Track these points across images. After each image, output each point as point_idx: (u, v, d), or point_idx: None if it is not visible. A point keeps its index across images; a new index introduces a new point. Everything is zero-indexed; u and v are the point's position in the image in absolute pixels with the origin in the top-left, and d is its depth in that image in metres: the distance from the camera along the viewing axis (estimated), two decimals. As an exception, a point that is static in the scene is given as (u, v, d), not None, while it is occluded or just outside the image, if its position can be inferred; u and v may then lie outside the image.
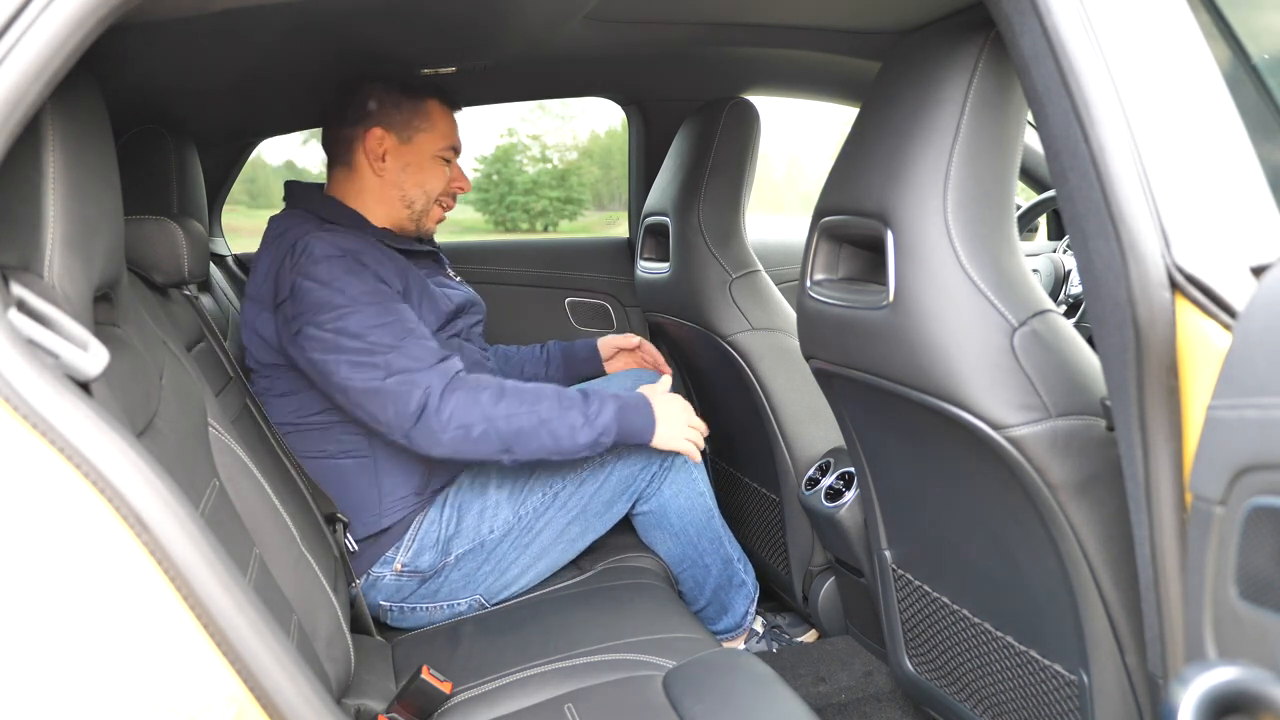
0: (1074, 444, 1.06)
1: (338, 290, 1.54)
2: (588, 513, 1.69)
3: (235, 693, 0.78)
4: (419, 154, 1.73)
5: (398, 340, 1.53)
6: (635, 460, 1.69)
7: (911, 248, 1.13)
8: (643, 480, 1.71)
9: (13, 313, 0.77)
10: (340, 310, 1.53)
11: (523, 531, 1.66)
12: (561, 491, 1.68)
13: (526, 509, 1.67)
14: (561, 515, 1.68)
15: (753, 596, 1.90)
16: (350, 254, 1.58)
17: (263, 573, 1.19)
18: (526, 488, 1.68)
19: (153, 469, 0.77)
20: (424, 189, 1.75)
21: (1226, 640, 0.76)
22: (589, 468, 1.68)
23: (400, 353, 1.52)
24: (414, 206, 1.75)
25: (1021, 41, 0.92)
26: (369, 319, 1.53)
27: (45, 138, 0.86)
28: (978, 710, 1.39)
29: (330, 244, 1.58)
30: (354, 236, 1.63)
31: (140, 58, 1.35)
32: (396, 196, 1.74)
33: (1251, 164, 0.84)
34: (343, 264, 1.56)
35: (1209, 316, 0.79)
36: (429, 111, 1.74)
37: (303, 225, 1.64)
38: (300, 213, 1.70)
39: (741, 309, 1.97)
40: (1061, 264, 2.05)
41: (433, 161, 1.75)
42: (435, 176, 1.76)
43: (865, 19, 1.47)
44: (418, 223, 1.77)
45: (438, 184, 1.77)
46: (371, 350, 1.52)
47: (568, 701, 1.28)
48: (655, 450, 1.68)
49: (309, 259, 1.57)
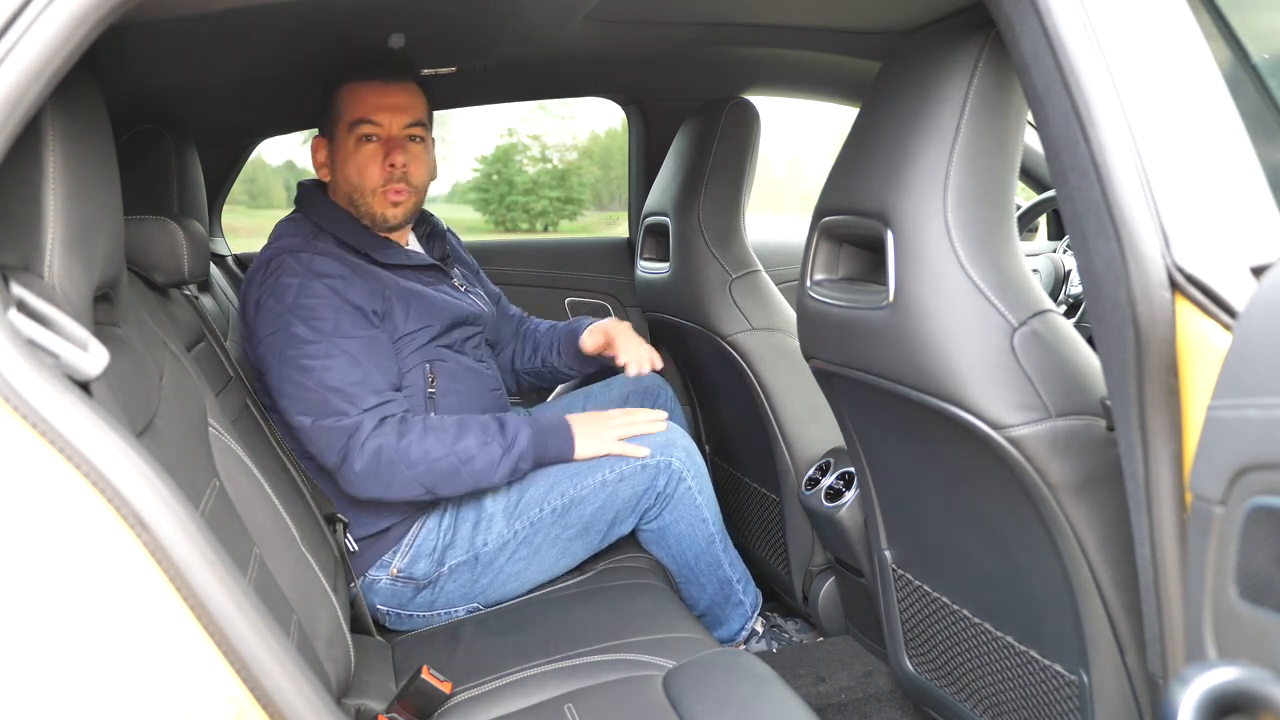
0: (1074, 444, 1.06)
1: (297, 319, 1.54)
2: (590, 530, 1.68)
3: (235, 693, 0.77)
4: (341, 146, 1.68)
5: (339, 381, 1.53)
6: (640, 482, 1.68)
7: (911, 248, 1.13)
8: (647, 501, 1.70)
9: (13, 313, 0.77)
10: (292, 339, 1.54)
11: (520, 545, 1.65)
12: (563, 508, 1.65)
13: (523, 523, 1.64)
14: (564, 532, 1.66)
15: (750, 615, 1.89)
16: (321, 278, 1.57)
17: (263, 573, 1.19)
18: (524, 502, 1.66)
19: (153, 469, 0.77)
20: (359, 178, 1.67)
21: (1226, 640, 0.76)
22: (592, 487, 1.66)
23: (338, 395, 1.52)
24: (358, 199, 1.68)
25: (1021, 41, 0.92)
26: (316, 353, 1.53)
27: (45, 138, 0.86)
28: (978, 710, 1.39)
29: (304, 267, 1.57)
30: (333, 259, 1.60)
31: (140, 58, 1.35)
32: (345, 195, 1.70)
33: (1251, 164, 0.84)
34: (308, 289, 1.56)
35: (1209, 316, 0.79)
36: (339, 98, 1.67)
37: (293, 238, 1.64)
38: (299, 219, 1.69)
39: (741, 309, 1.97)
40: (1061, 264, 2.05)
41: (356, 146, 1.66)
42: (364, 162, 1.66)
43: (865, 19, 1.47)
44: (372, 216, 1.69)
45: (371, 169, 1.66)
46: (308, 389, 1.53)
47: (568, 701, 1.28)
48: (660, 474, 1.68)
49: (275, 279, 1.57)
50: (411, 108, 1.69)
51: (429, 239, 1.88)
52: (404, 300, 1.66)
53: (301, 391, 1.54)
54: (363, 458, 1.52)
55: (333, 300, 1.56)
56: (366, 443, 1.52)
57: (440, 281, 1.78)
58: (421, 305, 1.68)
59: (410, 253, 1.75)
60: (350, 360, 1.54)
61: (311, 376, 1.53)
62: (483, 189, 12.22)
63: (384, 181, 1.67)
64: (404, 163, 1.66)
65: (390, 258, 1.69)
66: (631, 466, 1.66)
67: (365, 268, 1.64)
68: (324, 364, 1.53)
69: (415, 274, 1.73)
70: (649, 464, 1.67)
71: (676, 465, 1.69)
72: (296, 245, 1.62)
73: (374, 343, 1.58)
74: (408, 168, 1.67)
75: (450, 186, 12.17)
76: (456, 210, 11.52)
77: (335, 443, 1.53)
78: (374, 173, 1.66)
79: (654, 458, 1.67)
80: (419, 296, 1.68)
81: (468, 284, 1.89)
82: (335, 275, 1.59)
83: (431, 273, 1.77)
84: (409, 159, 1.68)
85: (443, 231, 1.92)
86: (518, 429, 1.60)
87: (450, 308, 1.73)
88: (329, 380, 1.53)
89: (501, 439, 1.58)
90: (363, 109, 1.66)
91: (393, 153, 1.66)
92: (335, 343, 1.54)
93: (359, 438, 1.52)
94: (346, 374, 1.53)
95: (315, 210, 1.70)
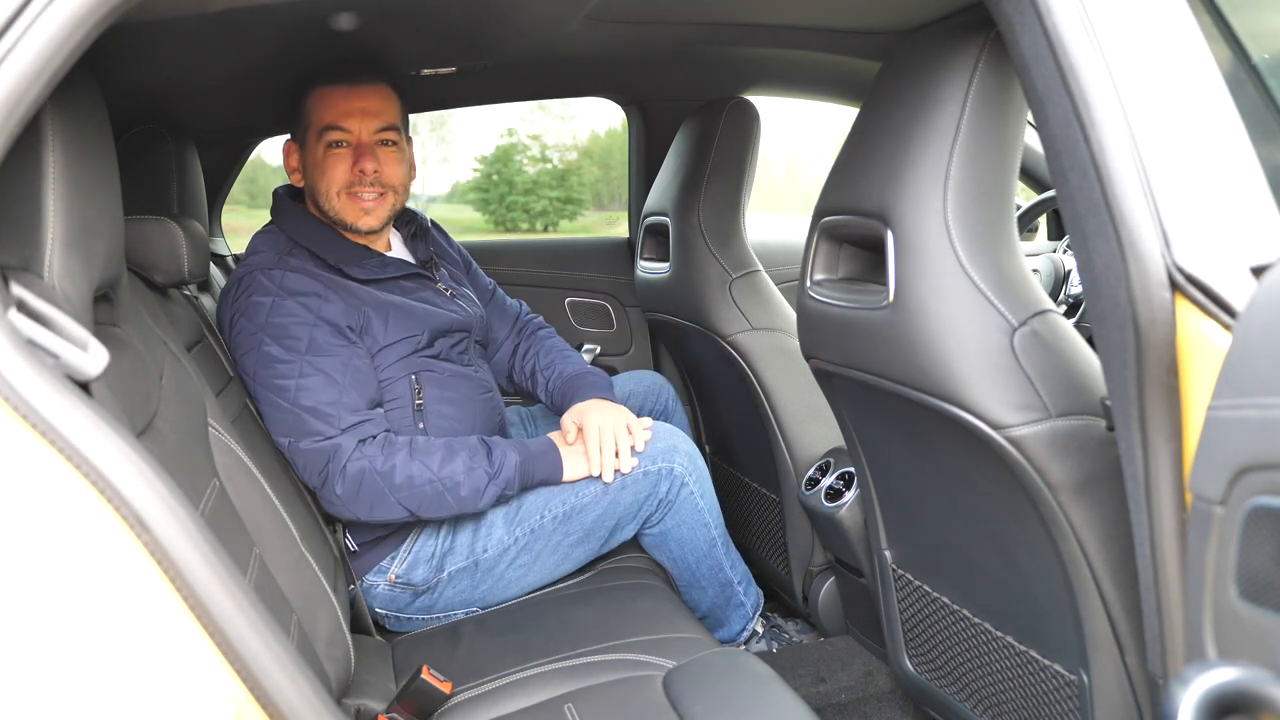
0: (1074, 444, 1.06)
1: (270, 338, 1.53)
2: (591, 537, 1.66)
3: (235, 693, 0.77)
4: (311, 152, 1.64)
5: (313, 400, 1.50)
6: (642, 488, 1.66)
7: (911, 248, 1.13)
8: (649, 508, 1.68)
9: (13, 313, 0.77)
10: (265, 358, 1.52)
11: (520, 552, 1.64)
12: (564, 515, 1.64)
13: (524, 530, 1.63)
14: (565, 540, 1.65)
15: (751, 615, 1.88)
16: (294, 295, 1.55)
17: (263, 573, 1.19)
18: (524, 509, 1.64)
19: (153, 469, 0.77)
20: (324, 182, 1.63)
21: (1226, 640, 0.76)
22: (593, 495, 1.64)
23: (313, 415, 1.50)
24: (325, 205, 1.64)
25: (1021, 41, 0.92)
26: (290, 373, 1.51)
27: (45, 138, 0.86)
28: (978, 710, 1.39)
29: (277, 285, 1.55)
30: (307, 275, 1.57)
31: (140, 58, 1.35)
32: (314, 202, 1.68)
33: (1251, 164, 0.84)
34: (281, 308, 1.54)
35: (1209, 316, 0.79)
36: (308, 105, 1.64)
37: (265, 254, 1.62)
38: (273, 233, 1.67)
39: (741, 309, 1.97)
40: (1061, 264, 2.05)
41: (324, 153, 1.62)
42: (330, 167, 1.62)
43: (865, 19, 1.46)
44: (342, 222, 1.65)
45: (336, 173, 1.62)
46: (284, 409, 1.51)
47: (568, 701, 1.28)
48: (661, 480, 1.66)
49: (247, 298, 1.56)
50: (382, 112, 1.64)
51: (414, 238, 1.82)
52: (382, 312, 1.62)
53: (277, 412, 1.51)
54: (344, 481, 1.49)
55: (306, 318, 1.53)
56: (348, 465, 1.49)
57: (423, 288, 1.72)
58: (402, 316, 1.64)
59: (390, 260, 1.69)
60: (325, 379, 1.51)
61: (286, 396, 1.51)
62: (483, 189, 12.22)
63: (348, 185, 1.62)
64: (374, 169, 1.62)
65: (367, 271, 1.64)
66: (633, 473, 1.65)
67: (339, 283, 1.61)
68: (298, 383, 1.51)
69: (396, 283, 1.68)
70: (650, 470, 1.65)
71: (678, 470, 1.68)
72: (269, 262, 1.59)
73: (350, 360, 1.54)
74: (379, 173, 1.63)
75: (450, 186, 12.18)
76: (456, 210, 11.52)
77: (315, 464, 1.50)
78: (339, 177, 1.62)
79: (655, 464, 1.66)
80: (398, 308, 1.64)
81: (455, 285, 1.83)
82: (309, 293, 1.56)
83: (413, 279, 1.71)
84: (379, 165, 1.63)
85: (428, 229, 1.87)
86: (504, 456, 1.57)
87: (433, 317, 1.67)
88: (303, 400, 1.50)
89: (488, 465, 1.55)
90: (330, 114, 1.61)
91: (362, 159, 1.61)
92: (309, 361, 1.51)
93: (339, 460, 1.49)
94: (322, 393, 1.50)
95: (289, 222, 1.67)
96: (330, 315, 1.55)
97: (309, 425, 1.50)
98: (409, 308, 1.66)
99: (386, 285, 1.66)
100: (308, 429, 1.50)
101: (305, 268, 1.59)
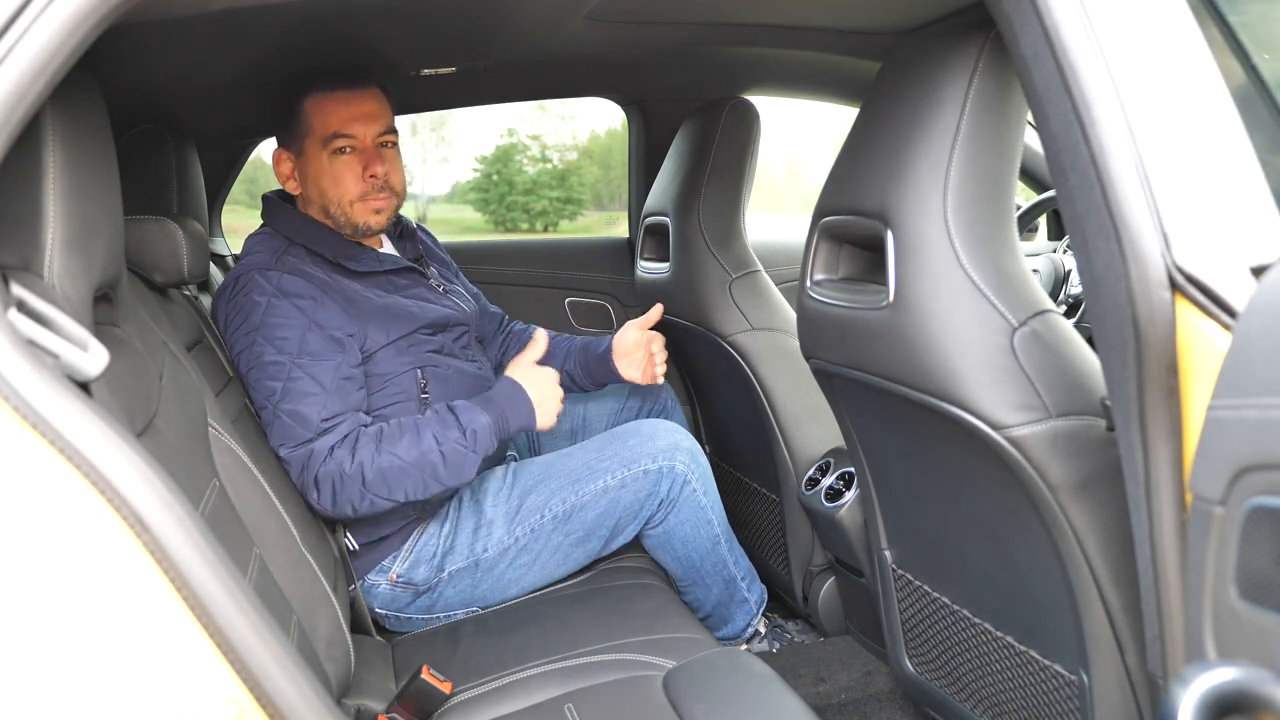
0: (1074, 444, 1.06)
1: (263, 339, 1.52)
2: (592, 537, 1.67)
3: (235, 693, 0.77)
4: (313, 160, 1.64)
5: (295, 404, 1.50)
6: (643, 488, 1.66)
7: (911, 248, 1.13)
8: (650, 508, 1.68)
9: (13, 313, 0.77)
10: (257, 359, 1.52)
11: (520, 552, 1.64)
12: (564, 515, 1.64)
13: (524, 530, 1.63)
14: (565, 539, 1.65)
15: (755, 611, 1.88)
16: (290, 297, 1.54)
17: (263, 573, 1.19)
18: (524, 509, 1.64)
19: (153, 469, 0.77)
20: (336, 191, 1.64)
21: (1226, 640, 0.76)
22: (593, 494, 1.64)
23: (294, 418, 1.49)
24: (336, 212, 1.65)
25: (1021, 41, 0.92)
26: (278, 374, 1.51)
27: (45, 138, 0.86)
28: (978, 710, 1.39)
29: (273, 286, 1.55)
30: (303, 278, 1.57)
31: (140, 58, 1.35)
32: (319, 208, 1.67)
33: (1251, 164, 0.84)
34: (275, 309, 1.53)
35: (1209, 317, 0.79)
36: (305, 112, 1.63)
37: (262, 255, 1.61)
38: (268, 234, 1.67)
39: (741, 309, 1.97)
40: (1061, 264, 2.05)
41: (330, 160, 1.63)
42: (340, 175, 1.63)
43: (865, 19, 1.46)
44: (353, 226, 1.66)
45: (348, 181, 1.63)
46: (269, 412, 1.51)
47: (568, 701, 1.28)
48: (663, 480, 1.66)
49: (245, 296, 1.56)
50: (381, 115, 1.66)
51: (400, 239, 1.83)
52: (378, 314, 1.62)
53: (266, 415, 1.52)
54: (319, 490, 1.49)
55: (300, 320, 1.53)
56: (319, 472, 1.48)
57: (416, 285, 1.73)
58: (399, 314, 1.64)
59: (384, 256, 1.71)
60: (312, 384, 1.51)
61: (272, 399, 1.50)
62: (483, 189, 12.23)
63: (363, 194, 1.64)
64: (384, 172, 1.64)
65: (364, 264, 1.65)
66: (634, 472, 1.65)
67: (336, 285, 1.61)
68: (285, 385, 1.50)
69: (389, 279, 1.69)
70: (650, 469, 1.65)
71: (680, 469, 1.68)
72: (266, 262, 1.59)
73: (340, 367, 1.54)
74: (388, 176, 1.65)
75: (450, 186, 12.19)
76: (456, 210, 11.53)
77: (294, 472, 1.50)
78: (353, 185, 1.63)
79: (656, 462, 1.66)
80: (392, 307, 1.65)
81: (446, 282, 1.84)
82: (305, 296, 1.55)
83: (407, 275, 1.73)
84: (388, 168, 1.65)
85: (414, 230, 1.87)
86: (474, 420, 1.55)
87: (427, 313, 1.68)
88: (285, 404, 1.50)
89: (461, 438, 1.53)
90: (335, 123, 1.62)
91: (372, 164, 1.63)
92: (299, 364, 1.51)
93: (312, 469, 1.49)
94: (305, 398, 1.50)
95: (283, 222, 1.67)
96: (324, 319, 1.55)
97: (289, 430, 1.50)
98: (404, 305, 1.67)
99: (382, 283, 1.68)
100: (289, 434, 1.50)
101: (302, 269, 1.60)
